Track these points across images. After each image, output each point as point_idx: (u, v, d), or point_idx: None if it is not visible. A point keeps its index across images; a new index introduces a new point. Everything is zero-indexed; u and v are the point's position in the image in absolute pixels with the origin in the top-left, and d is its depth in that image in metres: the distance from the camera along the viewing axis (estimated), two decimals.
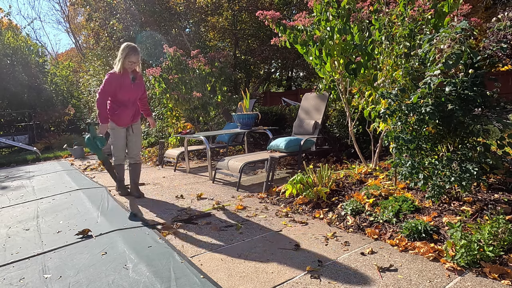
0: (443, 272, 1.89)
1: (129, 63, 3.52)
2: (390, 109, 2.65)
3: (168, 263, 2.16)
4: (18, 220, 3.28)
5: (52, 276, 2.09)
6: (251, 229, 2.72)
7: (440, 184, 2.43)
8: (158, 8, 10.86)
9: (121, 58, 3.49)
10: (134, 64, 3.56)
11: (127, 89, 3.61)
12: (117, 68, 3.54)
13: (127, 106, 3.68)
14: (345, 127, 5.09)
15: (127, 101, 3.67)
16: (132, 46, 3.53)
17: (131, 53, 3.49)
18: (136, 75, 3.70)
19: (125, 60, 3.49)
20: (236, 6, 11.94)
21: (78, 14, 21.71)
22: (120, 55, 3.51)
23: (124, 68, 3.53)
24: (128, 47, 3.50)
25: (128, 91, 3.63)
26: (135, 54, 3.51)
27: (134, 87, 3.69)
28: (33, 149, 8.75)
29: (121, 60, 3.49)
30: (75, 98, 13.91)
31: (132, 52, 3.49)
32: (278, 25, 3.75)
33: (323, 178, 3.27)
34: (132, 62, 3.53)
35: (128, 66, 3.54)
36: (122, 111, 3.64)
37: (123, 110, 3.65)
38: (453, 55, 2.27)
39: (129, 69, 3.58)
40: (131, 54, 3.48)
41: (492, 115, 2.37)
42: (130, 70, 3.60)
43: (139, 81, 3.75)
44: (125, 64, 3.51)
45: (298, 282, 1.88)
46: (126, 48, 3.50)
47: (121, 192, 4.02)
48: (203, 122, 6.97)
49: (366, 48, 3.48)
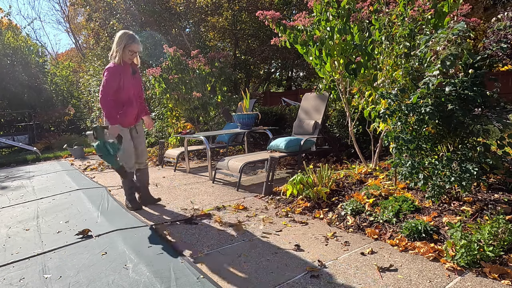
0: (443, 272, 1.89)
1: (130, 53, 3.12)
2: (390, 109, 2.65)
3: (168, 263, 2.16)
4: (18, 220, 3.28)
5: (52, 276, 2.09)
6: (251, 229, 2.72)
7: (440, 184, 2.43)
8: (158, 8, 10.87)
9: (120, 49, 3.07)
10: (135, 54, 3.16)
11: (129, 83, 3.21)
12: (115, 60, 3.13)
13: (132, 103, 3.27)
14: (345, 127, 5.09)
15: (131, 97, 3.26)
16: (131, 33, 3.13)
17: (131, 41, 3.08)
18: (135, 67, 3.32)
19: (125, 49, 3.08)
20: (236, 6, 11.94)
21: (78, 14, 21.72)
22: (117, 45, 3.08)
23: (124, 59, 3.13)
24: (127, 35, 3.09)
25: (130, 86, 3.23)
26: (136, 42, 3.11)
27: (135, 81, 3.30)
28: (33, 149, 8.75)
29: (120, 50, 3.07)
30: (75, 98, 13.92)
31: (132, 40, 3.09)
32: (278, 25, 3.75)
33: (323, 178, 3.27)
34: (133, 52, 3.13)
35: (128, 57, 3.14)
36: (127, 110, 3.24)
37: (128, 108, 3.24)
38: (450, 56, 2.28)
39: (129, 60, 3.18)
40: (131, 42, 3.08)
41: (492, 115, 2.37)
42: (129, 61, 3.20)
43: (138, 74, 3.38)
44: (125, 55, 3.11)
45: (298, 282, 1.88)
46: (124, 36, 3.08)
47: (133, 206, 3.41)
48: (203, 122, 6.97)
49: (366, 48, 3.48)
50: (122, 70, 3.12)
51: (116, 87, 3.12)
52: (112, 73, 3.09)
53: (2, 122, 12.14)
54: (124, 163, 3.23)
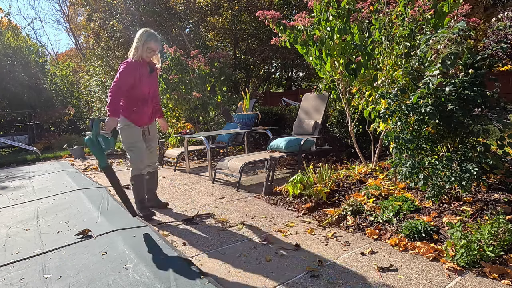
0: (443, 272, 1.89)
1: (148, 51, 3.03)
2: (390, 109, 2.65)
3: (168, 263, 2.16)
4: (18, 220, 3.28)
5: (52, 276, 2.09)
6: (251, 229, 2.72)
7: (440, 184, 2.43)
8: (158, 8, 10.87)
9: (139, 45, 3.00)
10: (153, 52, 3.08)
11: (145, 81, 3.09)
12: (133, 56, 3.04)
13: (147, 102, 3.15)
14: (345, 127, 5.09)
15: (146, 96, 3.13)
16: (151, 31, 3.05)
17: (150, 39, 3.00)
18: (153, 66, 3.21)
19: (144, 46, 3.00)
20: (236, 6, 11.94)
21: (78, 14, 21.72)
22: (137, 41, 3.02)
23: (142, 57, 3.04)
24: (147, 32, 3.02)
25: (146, 84, 3.10)
26: (155, 40, 3.02)
27: (151, 81, 3.18)
28: (33, 149, 8.75)
29: (139, 47, 3.00)
30: (75, 98, 13.92)
31: (152, 38, 3.01)
32: (278, 25, 3.75)
33: (323, 178, 3.27)
34: (151, 50, 3.04)
35: (146, 55, 3.05)
36: (142, 108, 3.11)
37: (142, 106, 3.11)
38: (451, 55, 2.28)
39: (147, 58, 3.08)
40: (150, 40, 3.00)
41: (492, 115, 2.37)
42: (148, 59, 3.10)
43: (155, 74, 3.26)
44: (143, 52, 3.02)
45: (298, 282, 1.88)
46: (144, 33, 3.02)
47: (144, 214, 3.13)
48: (203, 122, 6.97)
49: (366, 48, 3.48)
50: (139, 66, 3.03)
51: (131, 83, 2.99)
52: (128, 67, 2.98)
53: (2, 122, 12.14)
54: (135, 164, 3.11)
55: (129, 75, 2.96)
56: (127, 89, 2.99)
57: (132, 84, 2.99)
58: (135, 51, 3.01)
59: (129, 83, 2.97)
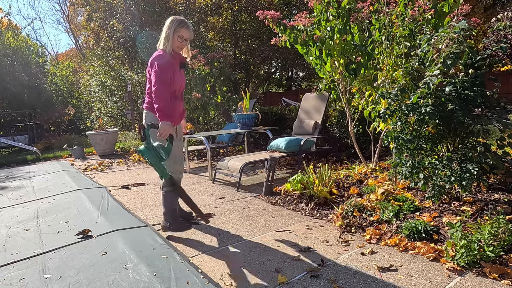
0: (443, 272, 1.89)
1: (179, 40, 2.61)
2: (390, 109, 2.65)
3: (168, 263, 2.15)
4: (18, 220, 3.28)
5: (52, 276, 2.09)
6: (251, 229, 2.72)
7: (440, 184, 2.43)
8: (158, 8, 10.87)
9: (169, 34, 2.59)
10: (185, 41, 2.65)
11: (178, 76, 2.68)
12: (164, 46, 2.62)
13: (177, 100, 2.74)
14: (345, 127, 5.09)
15: (177, 93, 2.73)
16: (182, 18, 2.65)
17: (182, 26, 2.59)
18: (184, 60, 2.78)
19: (175, 35, 2.58)
20: (236, 6, 11.94)
21: (78, 14, 21.74)
22: (167, 29, 2.60)
23: (173, 48, 2.63)
24: (177, 19, 2.62)
25: (178, 80, 2.68)
26: (186, 28, 2.62)
27: (182, 76, 2.79)
28: (33, 149, 8.75)
29: (170, 35, 2.58)
30: (75, 98, 13.93)
31: (183, 24, 2.61)
32: (278, 25, 3.75)
33: (323, 178, 3.27)
34: (183, 39, 2.62)
35: (177, 45, 2.63)
36: (175, 105, 2.70)
37: (175, 103, 2.70)
38: (452, 55, 2.28)
39: (178, 49, 2.66)
40: (181, 27, 2.59)
41: (492, 115, 2.37)
42: (179, 50, 2.68)
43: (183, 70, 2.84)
44: (174, 42, 2.60)
45: (298, 282, 1.88)
46: (174, 20, 2.61)
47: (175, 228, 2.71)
48: (203, 122, 6.97)
49: (366, 48, 3.49)
50: (173, 59, 2.62)
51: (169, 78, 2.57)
52: (167, 59, 2.56)
53: (2, 122, 12.14)
54: (174, 168, 2.71)
55: (170, 67, 2.56)
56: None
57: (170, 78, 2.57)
58: (165, 41, 2.61)
59: (169, 76, 2.55)
